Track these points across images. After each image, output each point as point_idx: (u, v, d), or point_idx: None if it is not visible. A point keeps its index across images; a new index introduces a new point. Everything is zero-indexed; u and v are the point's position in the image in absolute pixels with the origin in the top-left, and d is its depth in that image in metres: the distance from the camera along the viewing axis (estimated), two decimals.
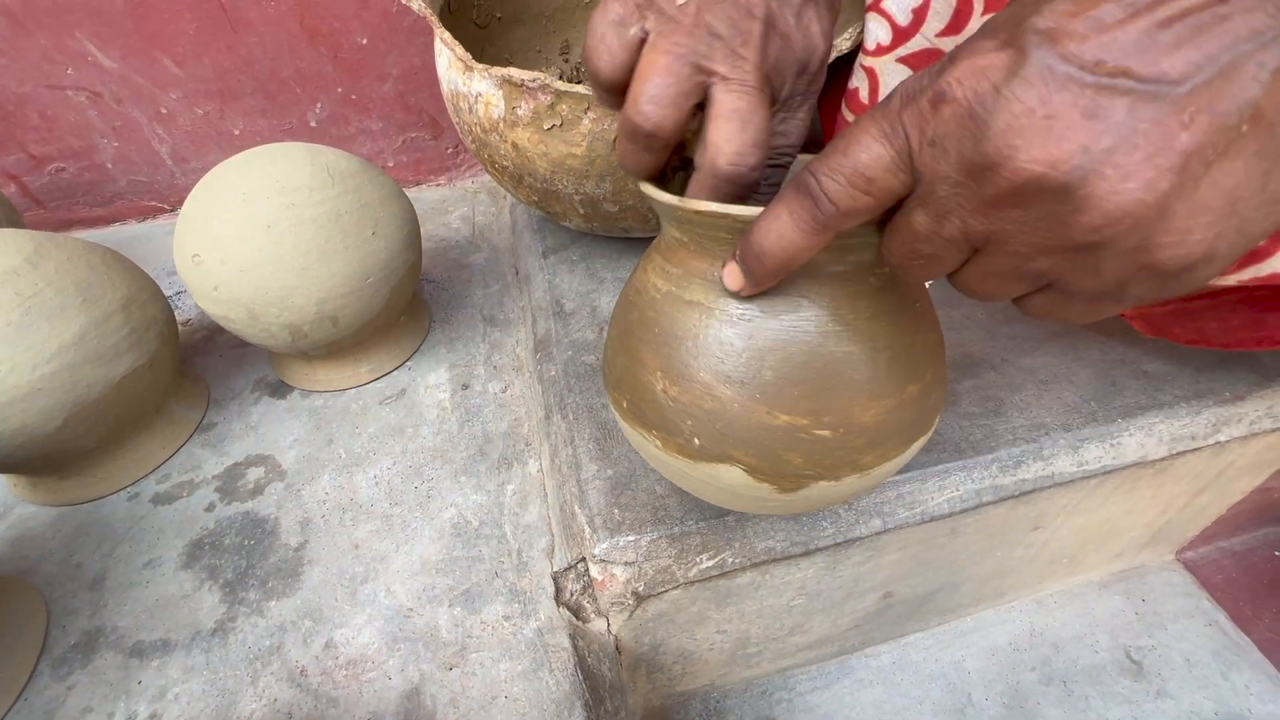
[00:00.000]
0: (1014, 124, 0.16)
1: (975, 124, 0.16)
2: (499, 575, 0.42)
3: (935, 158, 0.18)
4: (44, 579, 0.42)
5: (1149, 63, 0.15)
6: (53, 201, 0.69)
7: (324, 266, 0.44)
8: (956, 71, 0.17)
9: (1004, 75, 0.16)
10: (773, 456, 0.26)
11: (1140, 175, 0.15)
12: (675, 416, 0.27)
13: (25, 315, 0.39)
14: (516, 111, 0.43)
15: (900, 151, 0.18)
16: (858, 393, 0.25)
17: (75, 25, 0.58)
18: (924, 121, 0.18)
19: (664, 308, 0.28)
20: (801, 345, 0.25)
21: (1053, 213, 0.16)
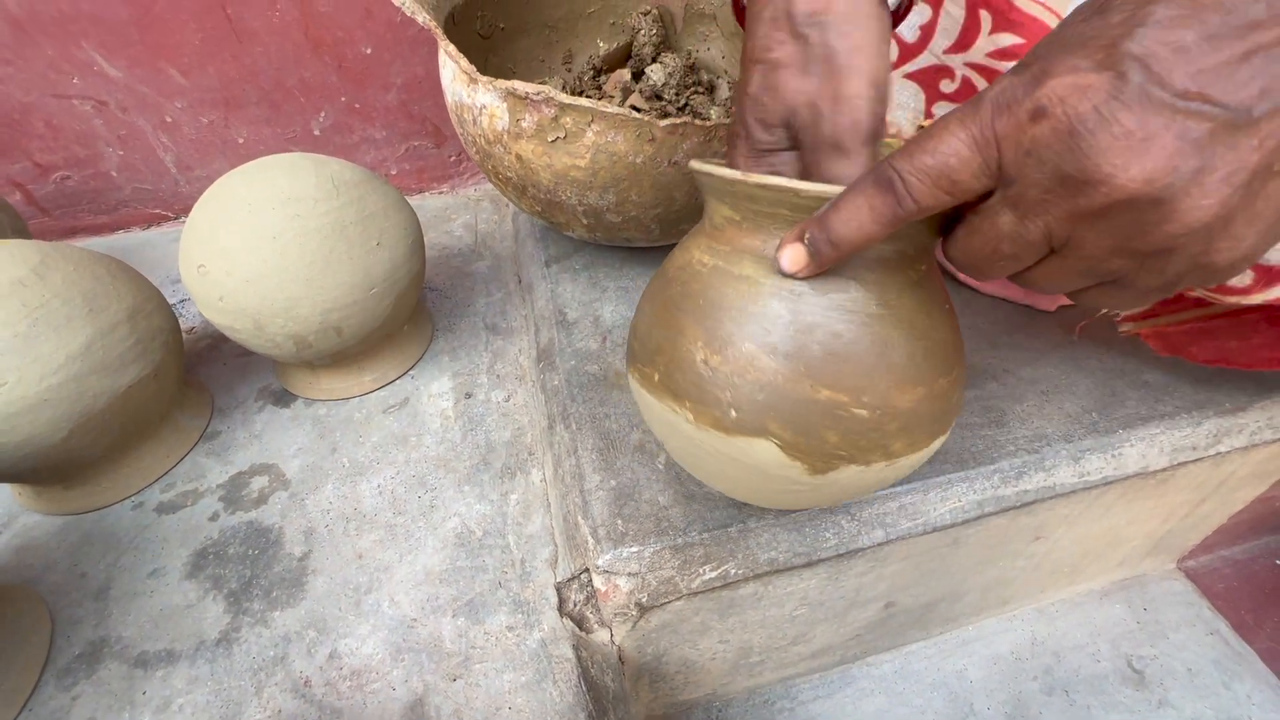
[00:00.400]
0: (1114, 145, 0.17)
1: (1075, 140, 0.18)
2: (502, 585, 0.42)
3: (1031, 167, 0.19)
4: (49, 588, 0.43)
5: (1229, 91, 0.16)
6: (57, 209, 0.69)
7: (329, 277, 0.45)
8: (1056, 87, 0.18)
9: (1105, 97, 0.17)
10: (810, 432, 0.26)
11: (1218, 193, 0.17)
12: (714, 387, 0.27)
13: (32, 326, 0.39)
14: (521, 124, 0.43)
15: (989, 159, 0.20)
16: (897, 376, 0.26)
17: (81, 35, 0.59)
18: (1020, 132, 0.19)
19: (711, 280, 0.28)
20: (848, 324, 0.26)
21: (1137, 222, 0.18)
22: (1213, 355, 0.42)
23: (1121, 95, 0.17)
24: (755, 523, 0.39)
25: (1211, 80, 0.16)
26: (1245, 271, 0.34)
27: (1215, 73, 0.16)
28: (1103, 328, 0.50)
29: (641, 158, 0.43)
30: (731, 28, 0.66)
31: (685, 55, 0.65)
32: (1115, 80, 0.17)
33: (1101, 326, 0.50)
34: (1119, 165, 0.17)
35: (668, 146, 0.43)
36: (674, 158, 0.43)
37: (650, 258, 0.58)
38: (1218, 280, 0.19)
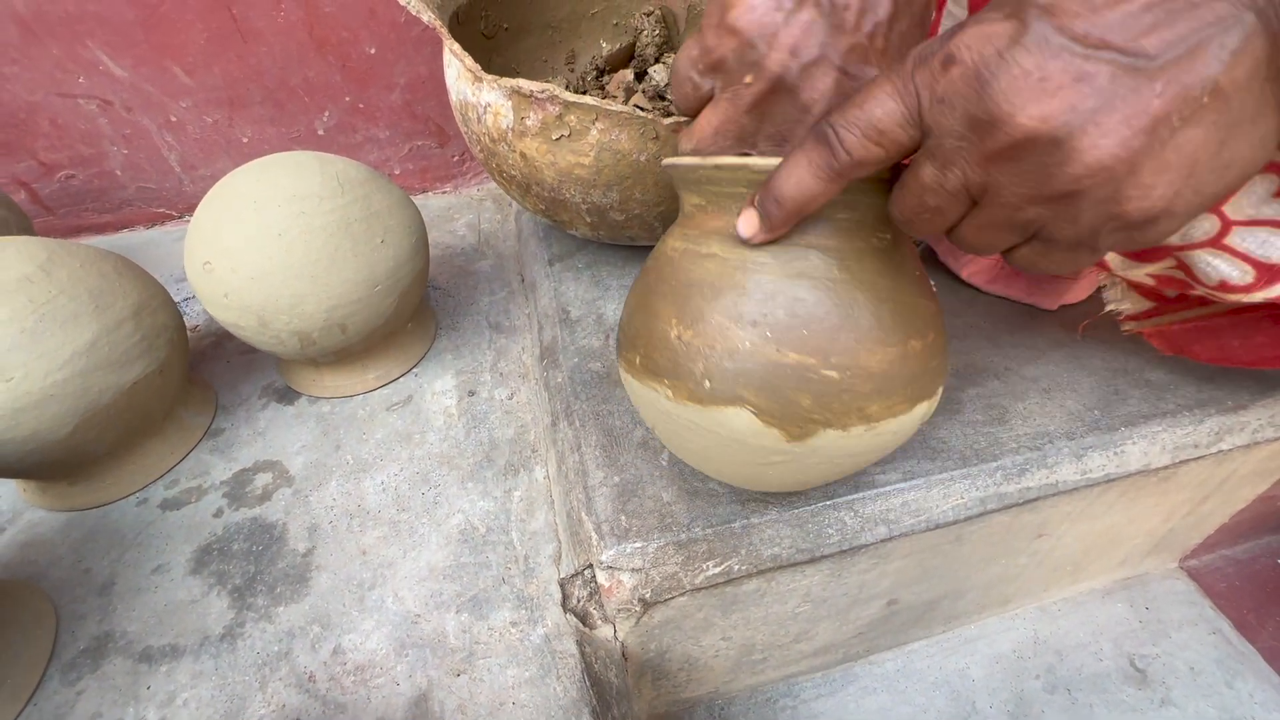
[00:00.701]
0: (1013, 84, 0.18)
1: (980, 83, 0.18)
2: (506, 581, 0.42)
3: (943, 113, 0.19)
4: (53, 584, 0.43)
5: (1130, 39, 0.17)
6: (62, 208, 0.69)
7: (333, 274, 0.45)
8: (965, 37, 0.19)
9: (1007, 42, 0.18)
10: (782, 397, 0.27)
11: (1117, 134, 0.17)
12: (688, 360, 0.28)
13: (39, 322, 0.39)
14: (525, 122, 0.44)
15: (911, 108, 0.20)
16: (863, 337, 0.27)
17: (87, 35, 0.59)
18: (934, 81, 0.19)
19: (681, 263, 0.30)
20: (810, 289, 0.27)
21: (1041, 164, 0.18)
22: (1215, 354, 0.42)
23: (1023, 39, 0.18)
24: (759, 519, 0.39)
25: (1113, 27, 0.17)
26: (1199, 233, 0.34)
27: (1119, 22, 0.17)
28: (1105, 327, 0.50)
29: (645, 156, 0.43)
30: None
31: None
32: (1018, 26, 0.18)
33: (1104, 326, 0.50)
34: (1018, 105, 0.18)
35: (671, 145, 0.43)
36: None
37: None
38: (1142, 240, 0.19)
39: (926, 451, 0.42)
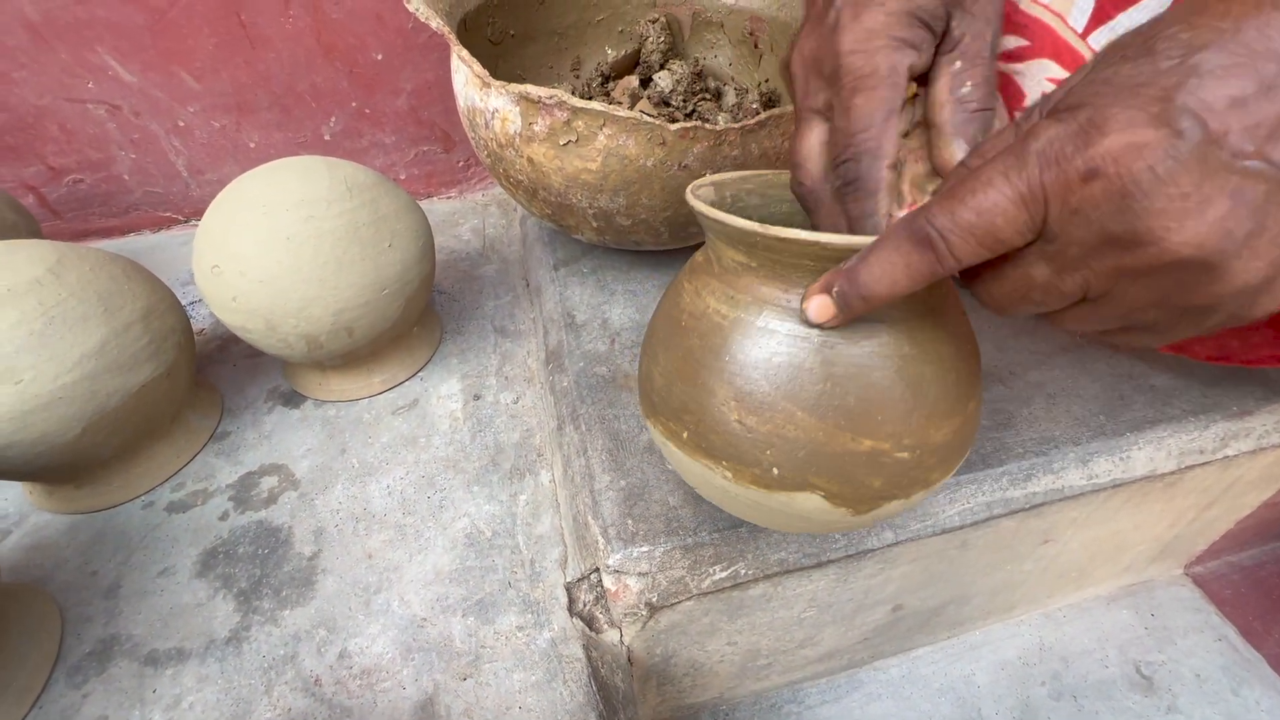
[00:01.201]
0: (1169, 207, 0.16)
1: (1128, 202, 0.17)
2: (512, 585, 0.42)
3: (1077, 225, 0.18)
4: (59, 587, 0.43)
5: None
6: (69, 212, 0.70)
7: (341, 278, 0.45)
8: (1111, 147, 0.17)
9: (1161, 156, 0.16)
10: (855, 481, 0.26)
11: (1268, 254, 0.17)
12: (752, 447, 0.27)
13: (48, 325, 0.39)
14: (533, 127, 0.44)
15: (1036, 216, 0.19)
16: (932, 412, 0.26)
17: (96, 40, 0.59)
18: (1069, 190, 0.18)
19: (733, 335, 0.27)
20: (883, 370, 0.25)
21: (1183, 281, 0.18)
22: (1214, 352, 0.43)
23: (1178, 154, 0.16)
24: None
25: (1266, 136, 0.16)
26: None
27: (1271, 128, 0.16)
28: None
29: (652, 161, 0.44)
30: (738, 35, 0.66)
31: (693, 62, 0.66)
32: (1172, 138, 0.16)
33: None
34: (1172, 229, 0.17)
35: (678, 150, 0.43)
36: (684, 161, 0.44)
37: (657, 261, 0.59)
38: (1246, 323, 0.19)
39: None
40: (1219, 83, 0.16)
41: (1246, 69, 0.16)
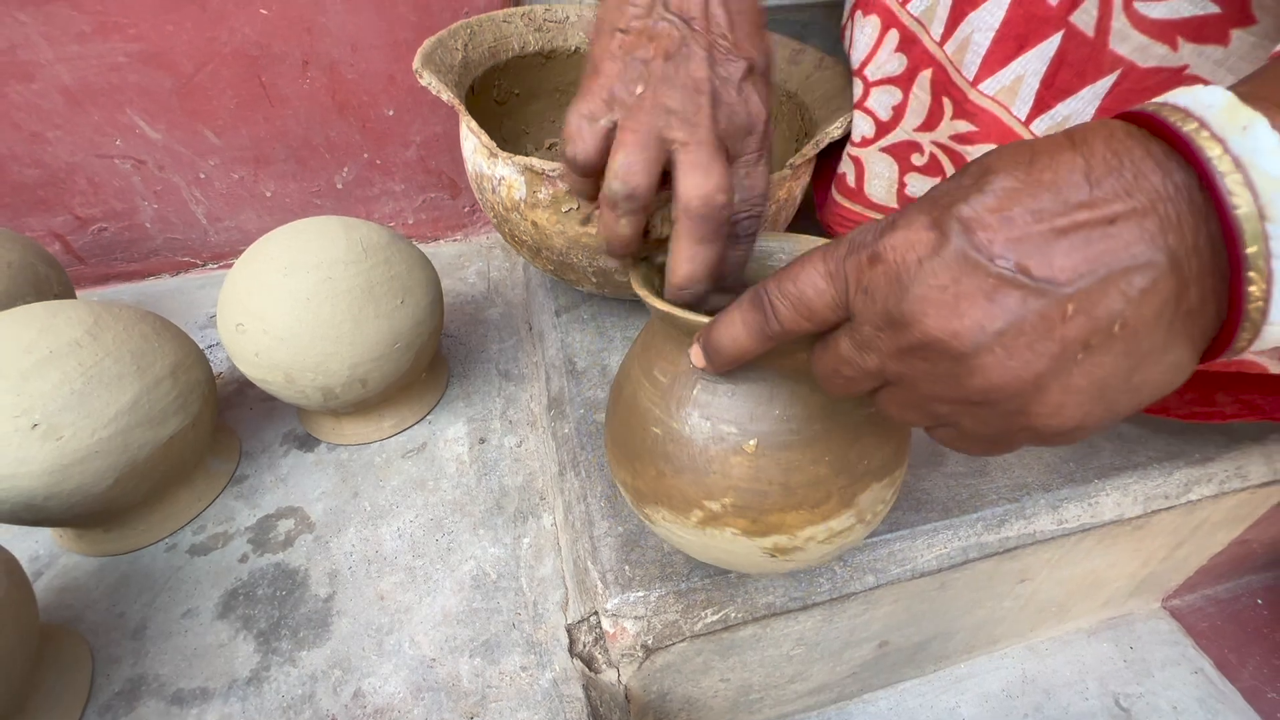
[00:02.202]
0: (928, 295, 0.19)
1: (899, 286, 0.20)
2: (516, 627, 0.45)
3: (865, 304, 0.21)
4: (89, 627, 0.45)
5: (1044, 264, 0.18)
6: (93, 258, 0.73)
7: (357, 334, 0.48)
8: (893, 238, 0.20)
9: (927, 251, 0.19)
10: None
11: (1021, 356, 0.18)
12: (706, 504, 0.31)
13: (87, 384, 0.42)
14: (537, 195, 0.47)
15: (839, 292, 0.22)
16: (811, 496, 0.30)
17: (126, 103, 0.63)
18: (860, 272, 0.21)
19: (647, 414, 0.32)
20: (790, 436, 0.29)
21: (950, 371, 0.19)
22: (1155, 406, 0.45)
23: (942, 252, 0.19)
24: None
25: (1029, 250, 0.18)
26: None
27: (1033, 245, 0.18)
28: None
29: None
30: None
31: None
32: (939, 238, 0.19)
33: None
34: (929, 314, 0.19)
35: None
36: None
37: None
38: (1058, 444, 0.21)
39: (911, 503, 0.45)
40: (996, 200, 0.18)
41: (1023, 193, 0.18)
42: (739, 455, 0.30)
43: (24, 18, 0.57)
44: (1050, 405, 0.19)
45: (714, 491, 0.30)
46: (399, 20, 0.65)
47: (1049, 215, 0.18)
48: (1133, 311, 0.17)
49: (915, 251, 0.19)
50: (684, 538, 0.33)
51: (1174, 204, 0.17)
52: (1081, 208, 0.18)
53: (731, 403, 0.30)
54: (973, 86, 0.41)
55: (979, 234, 0.18)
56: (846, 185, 0.53)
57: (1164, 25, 0.33)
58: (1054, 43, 0.37)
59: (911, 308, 0.19)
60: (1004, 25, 0.39)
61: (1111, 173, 0.18)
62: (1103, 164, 0.18)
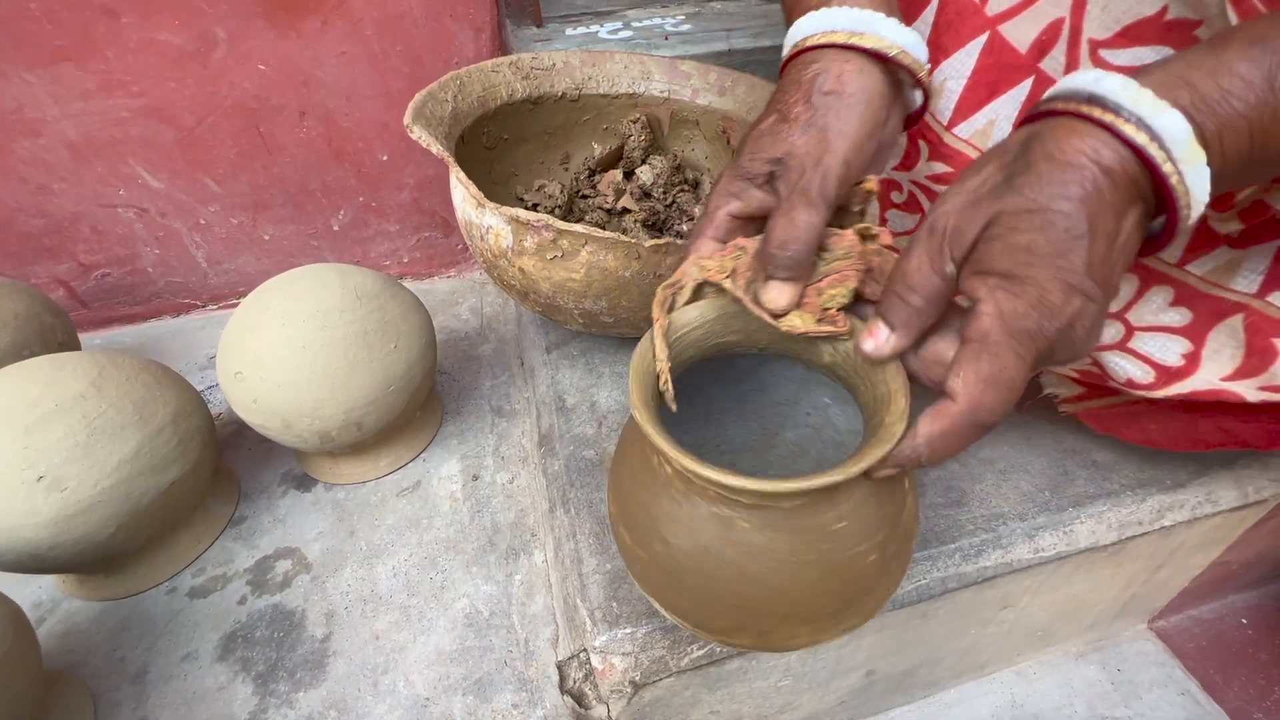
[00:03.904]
0: (1090, 335, 0.26)
1: (1073, 341, 0.26)
2: (508, 664, 0.46)
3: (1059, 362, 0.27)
4: (91, 672, 0.46)
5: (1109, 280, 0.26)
6: (96, 302, 0.75)
7: (352, 380, 0.50)
8: (1066, 318, 0.25)
9: (1086, 315, 0.25)
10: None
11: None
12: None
13: (91, 436, 0.44)
14: (523, 243, 0.49)
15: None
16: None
17: (129, 155, 0.65)
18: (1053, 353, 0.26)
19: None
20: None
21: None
22: (1139, 436, 0.47)
23: (1091, 312, 0.25)
24: None
25: (1109, 280, 0.25)
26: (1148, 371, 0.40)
27: (1107, 275, 0.25)
28: (1051, 407, 0.55)
29: (630, 272, 0.49)
30: (712, 132, 0.73)
31: (672, 156, 0.72)
32: (1084, 305, 0.25)
33: (1050, 405, 0.55)
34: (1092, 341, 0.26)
35: (652, 262, 0.48)
36: (658, 271, 0.49)
37: None
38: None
39: None
40: (1092, 255, 0.25)
41: (1100, 237, 0.25)
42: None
43: (31, 78, 0.60)
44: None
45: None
46: (391, 71, 0.68)
47: (1105, 244, 0.25)
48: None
49: (1079, 318, 0.25)
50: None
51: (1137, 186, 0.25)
52: (1115, 235, 0.25)
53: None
54: (947, 130, 0.44)
55: (1103, 283, 0.25)
56: None
57: (1128, 72, 0.35)
58: (1025, 88, 0.39)
59: (1084, 348, 0.26)
60: (975, 73, 0.41)
61: (1117, 193, 0.25)
62: (1110, 190, 0.25)
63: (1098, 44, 0.35)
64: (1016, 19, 0.37)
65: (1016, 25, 0.37)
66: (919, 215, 0.49)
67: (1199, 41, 0.32)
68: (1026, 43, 0.37)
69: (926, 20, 0.42)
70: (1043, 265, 0.25)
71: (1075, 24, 0.35)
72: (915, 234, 0.28)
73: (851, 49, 0.34)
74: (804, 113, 0.34)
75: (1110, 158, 0.24)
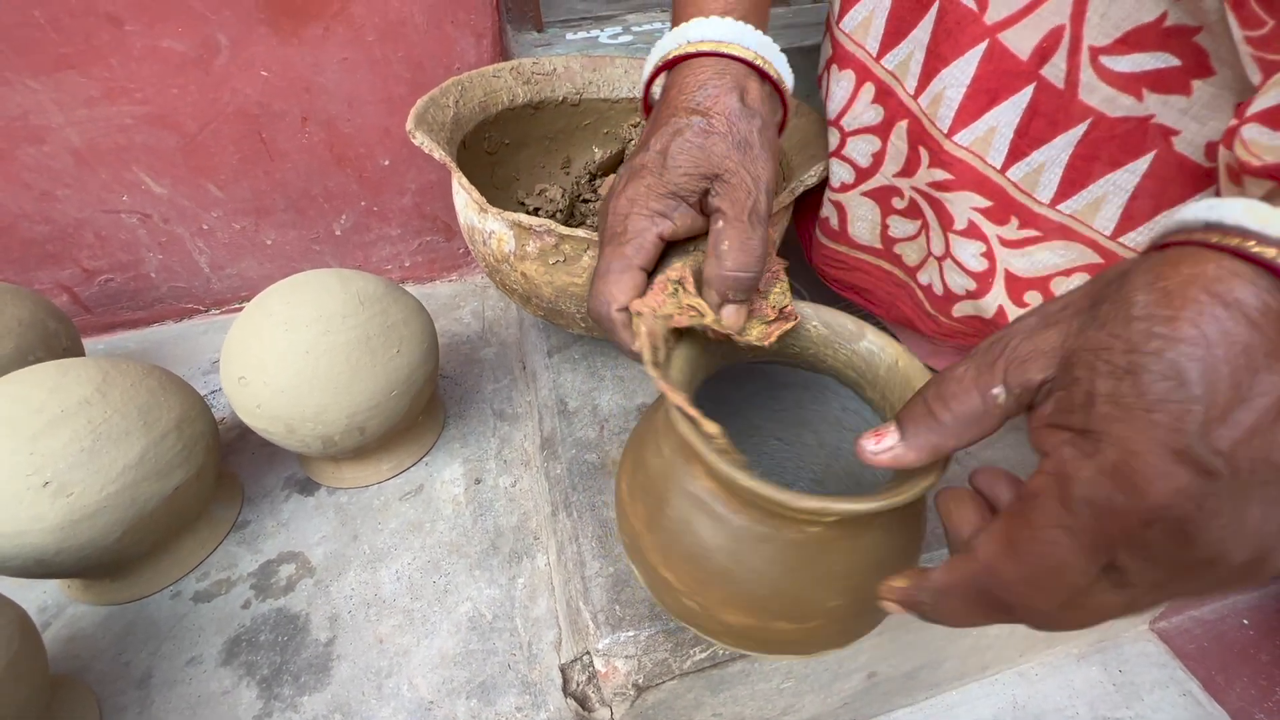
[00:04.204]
0: (1223, 532, 0.18)
1: (1185, 539, 0.18)
2: (511, 668, 0.46)
3: (1146, 561, 0.19)
4: (96, 677, 0.46)
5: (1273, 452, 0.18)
6: (99, 307, 0.75)
7: (354, 385, 0.50)
8: (1159, 498, 0.18)
9: (1204, 496, 0.18)
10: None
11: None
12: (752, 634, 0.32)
13: (96, 442, 0.44)
14: (525, 248, 0.49)
15: (1101, 560, 0.20)
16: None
17: (133, 161, 0.66)
18: (1132, 537, 0.19)
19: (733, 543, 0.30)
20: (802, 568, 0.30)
21: (1232, 575, 0.19)
22: None
23: (1217, 491, 0.18)
24: None
25: (1269, 445, 0.18)
26: None
27: (1266, 437, 0.17)
28: None
29: None
30: None
31: None
32: (1205, 478, 0.18)
33: None
34: (1229, 546, 0.18)
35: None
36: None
37: None
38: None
39: None
40: (1219, 411, 0.18)
41: (1229, 385, 0.18)
42: None
43: (35, 85, 0.60)
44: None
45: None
46: (393, 77, 0.68)
47: (1256, 399, 0.18)
48: None
49: (1191, 500, 0.18)
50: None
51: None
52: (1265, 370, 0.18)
53: None
54: (948, 138, 0.44)
55: (1227, 449, 0.18)
56: (830, 228, 0.55)
57: (1129, 78, 0.35)
58: (1026, 95, 0.39)
59: (1215, 552, 0.18)
60: (975, 80, 0.41)
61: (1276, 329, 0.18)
62: (1266, 322, 0.18)
63: (1098, 50, 0.35)
64: (1016, 26, 0.37)
65: (1016, 33, 0.38)
66: (919, 221, 0.50)
67: (1199, 48, 0.33)
68: (1027, 50, 0.38)
69: (925, 29, 0.42)
70: (1130, 421, 0.18)
71: (1075, 31, 0.35)
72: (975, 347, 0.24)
73: (753, 67, 0.34)
74: (731, 126, 0.33)
75: (1245, 291, 0.18)
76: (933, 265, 0.50)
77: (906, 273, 0.53)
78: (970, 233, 0.45)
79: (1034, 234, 0.42)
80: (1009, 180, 0.42)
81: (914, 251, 0.51)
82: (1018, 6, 0.37)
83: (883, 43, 0.45)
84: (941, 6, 0.41)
